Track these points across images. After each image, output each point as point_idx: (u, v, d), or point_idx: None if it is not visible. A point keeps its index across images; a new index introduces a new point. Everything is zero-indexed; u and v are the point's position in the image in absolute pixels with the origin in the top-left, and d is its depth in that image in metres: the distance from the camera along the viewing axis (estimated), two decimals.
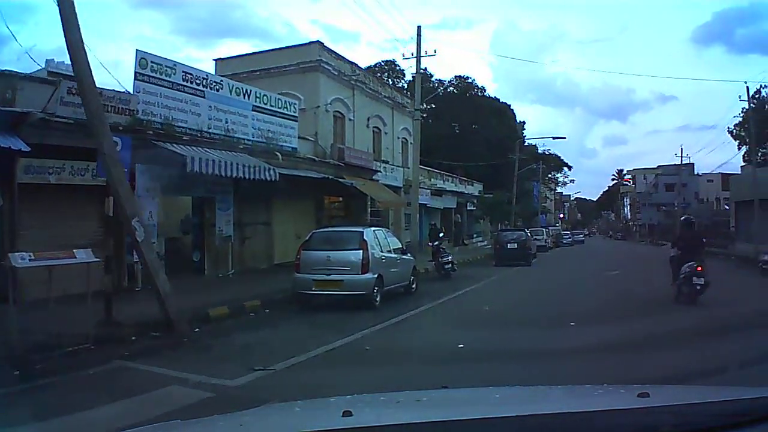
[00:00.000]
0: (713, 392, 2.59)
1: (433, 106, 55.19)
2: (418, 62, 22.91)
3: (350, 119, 27.13)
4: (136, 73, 14.51)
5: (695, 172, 68.89)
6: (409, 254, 15.94)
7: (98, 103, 9.59)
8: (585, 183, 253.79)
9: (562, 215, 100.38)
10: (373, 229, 14.43)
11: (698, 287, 12.56)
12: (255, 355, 7.99)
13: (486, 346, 8.55)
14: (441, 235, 22.56)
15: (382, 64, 56.00)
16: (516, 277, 21.86)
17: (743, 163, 42.36)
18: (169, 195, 15.77)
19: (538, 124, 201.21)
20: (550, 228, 54.75)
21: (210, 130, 16.92)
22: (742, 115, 40.56)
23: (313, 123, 23.69)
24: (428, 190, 31.98)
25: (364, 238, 13.09)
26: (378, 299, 12.92)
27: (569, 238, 60.31)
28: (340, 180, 21.51)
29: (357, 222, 21.61)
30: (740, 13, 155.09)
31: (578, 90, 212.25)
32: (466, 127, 52.60)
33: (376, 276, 12.82)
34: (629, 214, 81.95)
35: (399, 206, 28.03)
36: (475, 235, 43.42)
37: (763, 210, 30.10)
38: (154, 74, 15.01)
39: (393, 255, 14.43)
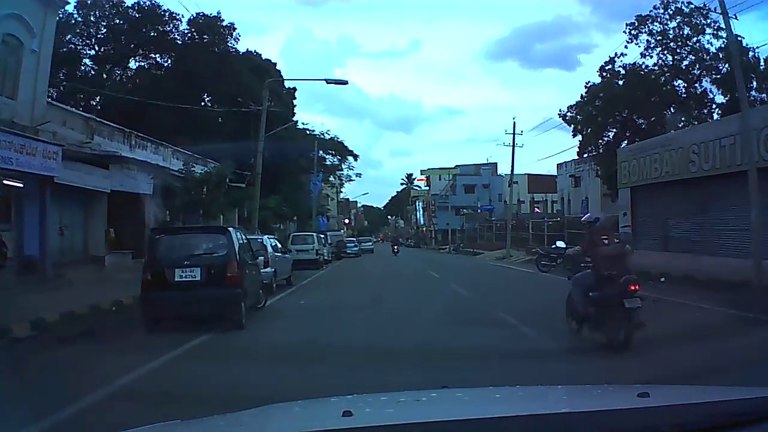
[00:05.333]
0: (713, 392, 2.47)
1: (168, 62, 38.38)
2: None
3: None
4: None
5: (498, 173, 60.37)
6: None
7: None
8: (371, 192, 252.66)
9: (347, 220, 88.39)
10: None
11: (397, 251, 44.60)
12: None
13: None
14: None
15: None
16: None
17: (576, 157, 37.39)
18: None
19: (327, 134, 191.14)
20: (329, 234, 40.64)
21: None
22: (586, 90, 30.87)
23: None
24: (63, 146, 14.86)
25: None
26: None
27: (355, 246, 47.71)
28: None
29: None
30: (541, 28, 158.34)
31: (367, 102, 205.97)
32: (214, 88, 36.68)
33: None
34: (422, 219, 72.63)
35: None
36: None
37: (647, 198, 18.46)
38: None
39: None
